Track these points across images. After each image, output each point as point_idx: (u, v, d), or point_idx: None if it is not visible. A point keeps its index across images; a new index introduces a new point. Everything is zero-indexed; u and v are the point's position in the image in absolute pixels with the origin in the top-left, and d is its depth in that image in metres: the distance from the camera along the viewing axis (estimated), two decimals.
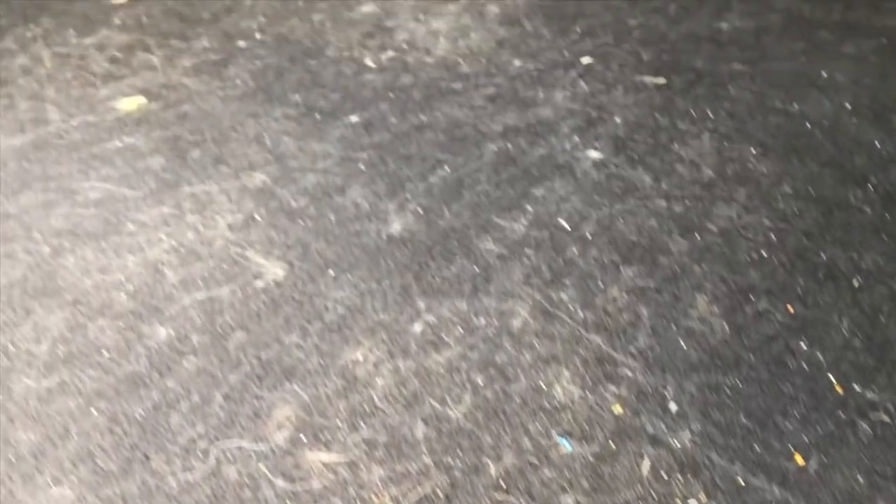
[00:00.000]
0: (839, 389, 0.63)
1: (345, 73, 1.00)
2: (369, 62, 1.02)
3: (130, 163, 0.85)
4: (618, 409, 0.61)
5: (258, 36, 1.07)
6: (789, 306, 0.68)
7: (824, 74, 0.97)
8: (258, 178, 0.83)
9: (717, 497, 0.56)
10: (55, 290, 0.70)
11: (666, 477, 0.57)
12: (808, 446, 0.59)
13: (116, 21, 1.11)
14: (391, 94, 0.96)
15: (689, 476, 0.57)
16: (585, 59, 1.02)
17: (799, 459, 0.58)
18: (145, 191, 0.82)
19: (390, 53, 1.04)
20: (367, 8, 1.14)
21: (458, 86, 0.97)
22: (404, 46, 1.05)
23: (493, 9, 1.13)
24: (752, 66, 0.99)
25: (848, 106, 0.92)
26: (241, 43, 1.06)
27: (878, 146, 0.85)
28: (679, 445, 0.59)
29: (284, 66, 1.01)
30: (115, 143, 0.88)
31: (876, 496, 0.57)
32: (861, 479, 0.57)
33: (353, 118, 0.92)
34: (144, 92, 0.97)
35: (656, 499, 0.56)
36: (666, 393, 0.62)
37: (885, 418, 0.61)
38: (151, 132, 0.90)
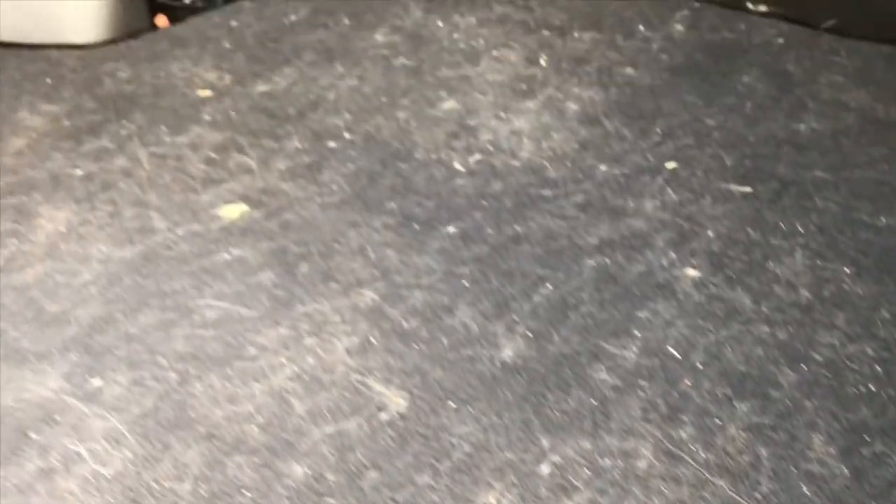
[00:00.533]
0: None
1: (436, 178, 1.02)
2: (458, 166, 1.05)
3: (241, 278, 0.88)
4: None
5: (346, 135, 1.10)
6: None
7: None
8: (368, 297, 0.86)
9: None
10: (188, 421, 0.73)
11: None
12: None
13: (206, 117, 1.14)
14: (484, 202, 0.98)
15: None
16: (670, 164, 1.04)
17: None
18: (261, 310, 0.84)
19: (477, 156, 1.06)
20: (449, 104, 1.16)
21: (547, 193, 1.00)
22: (490, 148, 1.08)
23: (573, 106, 1.16)
24: (834, 173, 1.02)
25: None
26: (332, 143, 1.09)
27: None
28: None
29: (376, 169, 1.04)
30: (223, 255, 0.91)
31: None
32: None
33: (451, 229, 0.95)
34: (245, 198, 0.99)
35: None
36: None
37: None
38: (258, 243, 0.93)
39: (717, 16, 1.38)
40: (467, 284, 0.87)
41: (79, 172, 1.04)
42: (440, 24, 1.36)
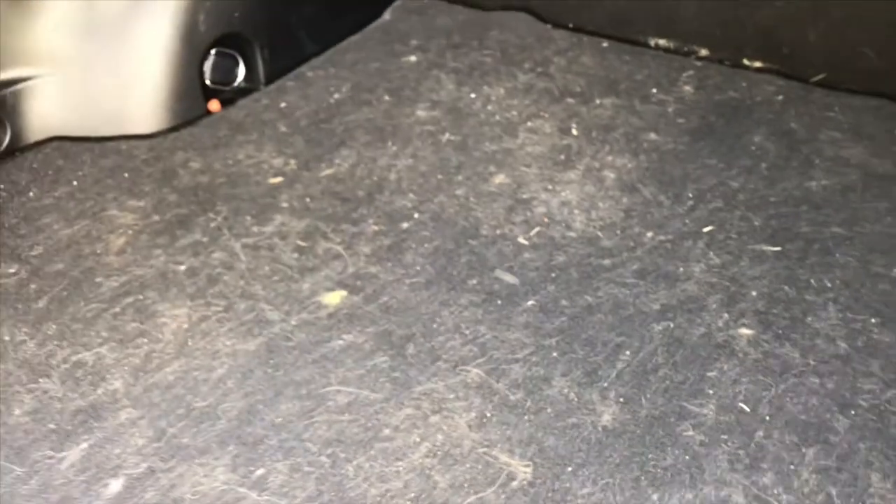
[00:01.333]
0: None
1: (505, 254, 1.15)
2: (522, 240, 1.18)
3: (359, 363, 1.00)
4: None
5: (416, 216, 1.22)
6: None
7: None
8: (473, 373, 0.98)
9: None
10: (349, 501, 0.85)
11: None
12: None
13: (283, 204, 1.25)
14: (552, 275, 1.12)
15: None
16: (707, 228, 1.19)
17: None
18: (384, 392, 0.96)
19: (537, 229, 1.20)
20: (499, 179, 1.30)
21: (606, 262, 1.13)
22: (546, 220, 1.21)
23: (610, 175, 1.30)
24: (848, 228, 1.17)
25: None
26: (405, 224, 1.21)
27: None
28: None
29: (450, 247, 1.17)
30: (337, 342, 1.03)
31: None
32: None
33: (530, 302, 1.08)
34: (341, 284, 1.11)
35: None
36: None
37: None
38: (364, 328, 1.04)
39: (719, 73, 1.54)
40: (556, 355, 1.00)
41: (182, 268, 1.14)
42: (473, 96, 1.49)
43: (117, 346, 1.03)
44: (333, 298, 1.09)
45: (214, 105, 1.46)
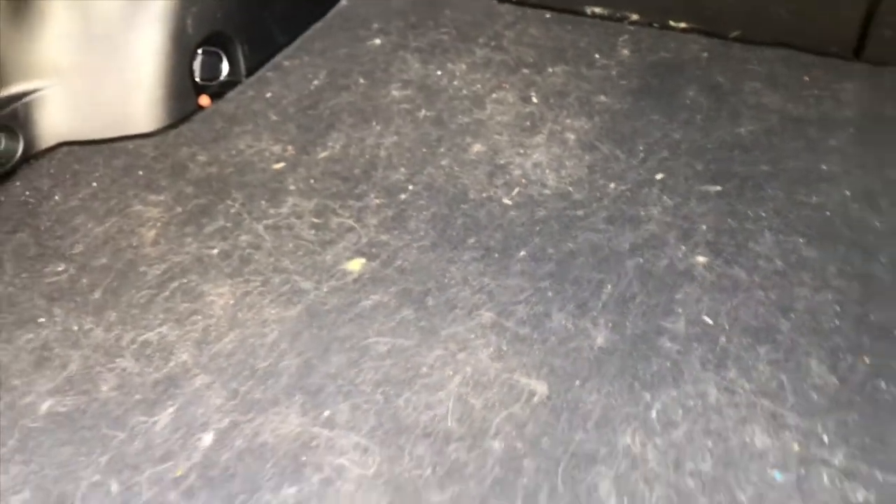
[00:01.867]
0: None
1: (494, 213, 1.34)
2: (506, 200, 1.37)
3: (390, 317, 1.18)
4: None
5: (411, 187, 1.40)
6: (865, 358, 1.10)
7: (824, 167, 1.40)
8: (486, 316, 1.18)
9: None
10: (406, 427, 1.03)
11: None
12: None
13: (291, 187, 1.41)
14: (537, 228, 1.31)
15: None
16: (658, 176, 1.40)
17: None
18: (416, 339, 1.15)
19: (517, 189, 1.39)
20: (477, 147, 1.48)
21: (580, 213, 1.34)
22: (523, 181, 1.40)
23: (571, 136, 1.49)
24: (774, 165, 1.41)
25: (848, 193, 1.35)
26: (402, 196, 1.38)
27: (879, 226, 1.28)
28: None
29: (445, 213, 1.35)
30: (366, 302, 1.20)
31: None
32: None
33: (522, 253, 1.27)
34: (358, 253, 1.29)
35: None
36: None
37: None
38: (387, 289, 1.22)
39: (650, 36, 1.75)
40: (551, 294, 1.21)
41: (215, 252, 1.30)
42: (439, 73, 1.66)
43: (175, 324, 1.18)
44: (355, 265, 1.27)
45: (205, 100, 1.59)
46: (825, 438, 1.01)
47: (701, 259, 1.25)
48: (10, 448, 1.03)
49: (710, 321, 1.16)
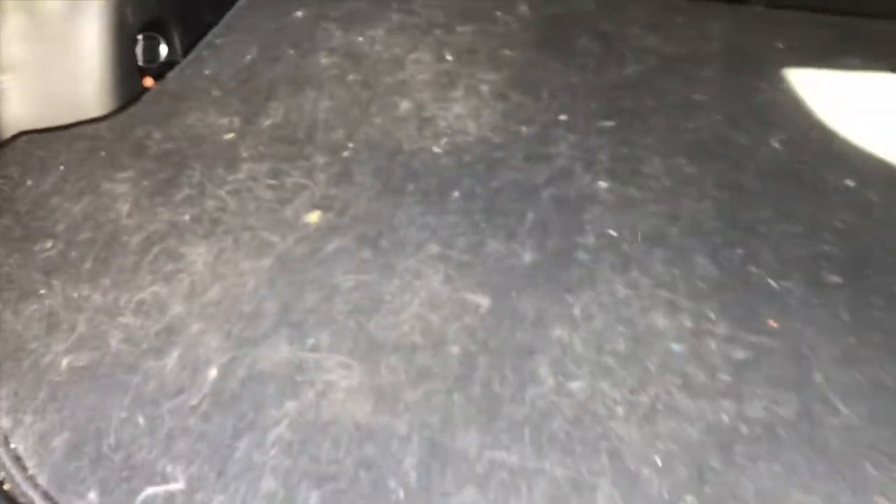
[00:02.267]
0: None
1: (427, 162, 1.55)
2: (436, 149, 1.58)
3: (352, 258, 1.38)
4: None
5: (351, 145, 1.59)
6: (738, 250, 1.37)
7: (697, 97, 1.66)
8: (433, 249, 1.39)
9: None
10: (380, 343, 1.25)
11: None
12: None
13: (244, 154, 1.58)
14: (466, 171, 1.53)
15: None
16: (562, 117, 1.63)
17: None
18: (378, 274, 1.35)
19: (444, 139, 1.60)
20: (404, 105, 1.67)
21: (500, 154, 1.56)
22: (448, 131, 1.61)
23: (484, 87, 1.71)
24: (657, 100, 1.66)
25: (719, 117, 1.62)
26: (345, 153, 1.57)
27: (745, 143, 1.56)
28: None
29: (385, 165, 1.55)
30: (329, 247, 1.40)
31: None
32: None
33: (456, 193, 1.49)
34: (314, 206, 1.48)
35: None
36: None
37: None
38: (344, 234, 1.42)
39: None
40: (484, 226, 1.43)
41: (186, 218, 1.47)
42: (360, 39, 1.85)
43: (164, 283, 1.36)
44: (313, 218, 1.46)
45: (149, 81, 1.74)
46: (711, 315, 1.28)
47: (602, 184, 1.50)
48: (42, 400, 1.20)
49: (614, 234, 1.41)
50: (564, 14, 1.89)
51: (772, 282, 1.32)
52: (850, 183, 1.47)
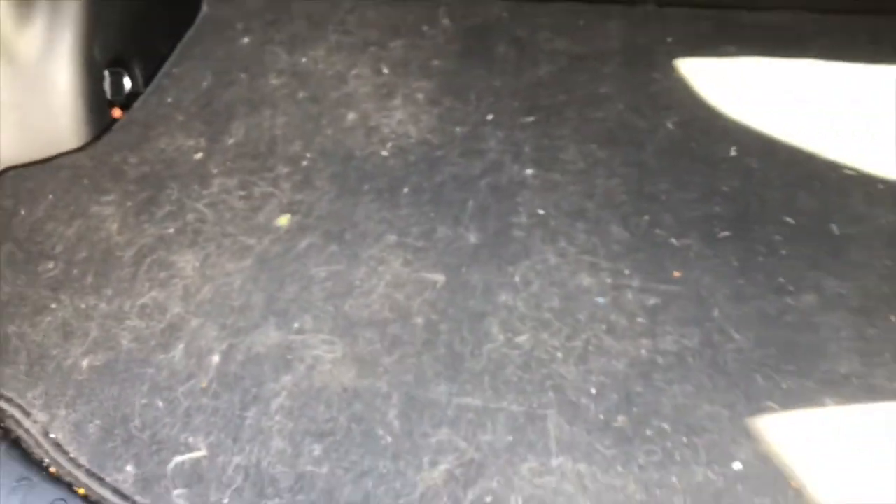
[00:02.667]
0: None
1: (377, 164, 1.78)
2: (384, 153, 1.81)
3: (322, 252, 1.59)
4: None
5: (308, 155, 1.81)
6: (645, 217, 1.65)
7: (602, 90, 1.93)
8: (391, 238, 1.62)
9: None
10: (357, 320, 1.48)
11: None
12: None
13: (213, 170, 1.78)
14: (412, 169, 1.77)
15: None
16: (489, 116, 1.88)
17: None
18: (346, 263, 1.57)
19: (390, 143, 1.83)
20: (351, 116, 1.90)
21: (439, 153, 1.80)
22: (393, 136, 1.84)
23: (419, 95, 1.94)
24: (568, 95, 1.92)
25: (621, 107, 1.89)
26: (304, 163, 1.79)
27: (644, 126, 1.83)
28: None
29: (340, 170, 1.77)
30: (301, 245, 1.61)
31: None
32: None
33: (405, 190, 1.72)
34: (283, 211, 1.69)
35: None
36: None
37: None
38: (313, 233, 1.64)
39: (462, 6, 2.21)
40: (433, 215, 1.67)
41: (171, 231, 1.67)
42: (304, 59, 2.06)
43: (161, 288, 1.56)
44: (284, 221, 1.68)
45: (117, 112, 1.92)
46: (626, 272, 1.55)
47: (529, 171, 1.76)
48: (71, 396, 1.40)
49: (542, 212, 1.67)
50: (482, 24, 2.14)
51: (674, 240, 1.59)
52: (733, 153, 1.76)
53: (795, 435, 1.30)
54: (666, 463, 1.28)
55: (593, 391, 1.37)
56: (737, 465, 1.27)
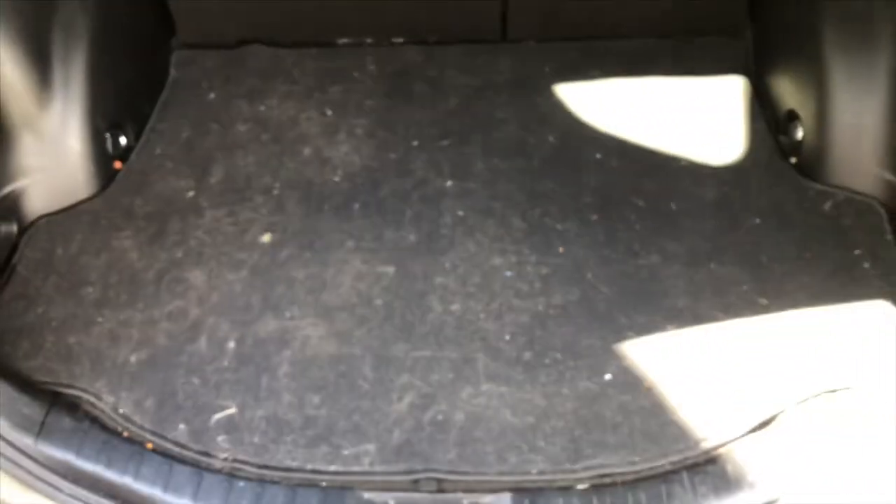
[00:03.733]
0: None
1: (333, 188, 2.28)
2: (336, 179, 2.30)
3: (298, 258, 2.08)
4: None
5: (277, 184, 2.30)
6: (536, 210, 2.22)
7: (499, 115, 2.49)
8: (350, 244, 2.16)
9: None
10: (332, 308, 2.02)
11: None
12: None
13: (205, 204, 2.27)
14: (359, 189, 2.30)
15: None
16: (415, 143, 2.42)
17: None
18: (318, 266, 2.09)
19: (340, 171, 2.35)
20: (307, 151, 2.38)
21: (379, 175, 2.32)
22: (341, 165, 2.34)
23: (359, 131, 2.45)
24: (472, 119, 2.47)
25: (515, 126, 2.46)
26: (275, 192, 2.29)
27: (534, 142, 2.40)
28: None
29: (303, 195, 2.25)
30: (283, 253, 2.10)
31: None
32: None
33: (356, 205, 2.24)
34: (265, 230, 2.20)
35: None
36: None
37: None
38: (290, 244, 2.12)
39: (384, 52, 2.74)
40: (380, 223, 2.19)
41: (180, 254, 2.15)
42: (262, 108, 2.57)
43: (180, 298, 2.05)
44: (267, 238, 2.19)
45: (118, 164, 2.41)
46: (526, 252, 2.11)
47: (448, 183, 2.30)
48: (127, 383, 1.88)
49: (461, 213, 2.22)
50: (402, 68, 2.67)
51: (558, 226, 2.17)
52: (598, 157, 2.35)
53: (647, 352, 1.89)
54: (559, 380, 1.85)
55: (507, 338, 1.93)
56: (608, 377, 1.85)
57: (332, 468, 1.71)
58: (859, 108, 2.08)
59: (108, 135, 2.36)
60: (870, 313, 1.90)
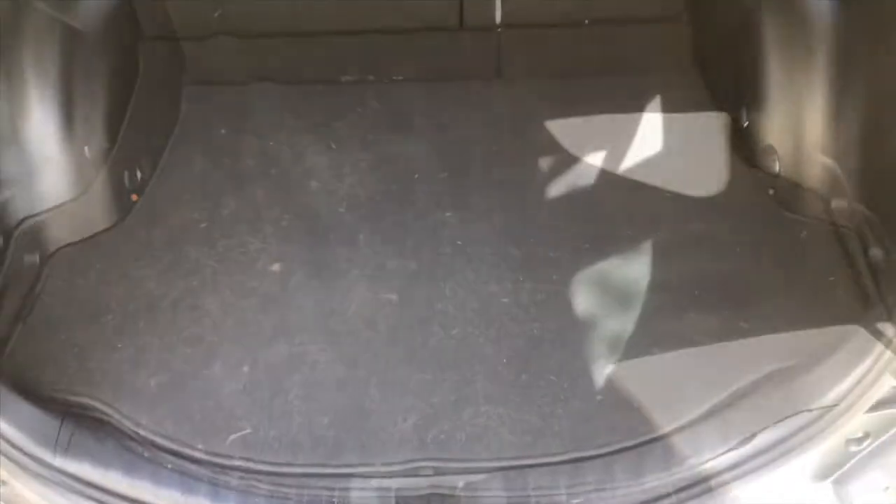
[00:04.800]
0: None
1: (338, 219, 2.39)
2: (342, 210, 2.38)
3: (306, 283, 2.22)
4: None
5: (286, 216, 2.41)
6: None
7: (494, 149, 2.64)
8: (355, 273, 2.29)
9: None
10: (339, 333, 2.14)
11: None
12: None
13: (217, 235, 2.40)
14: (364, 220, 2.42)
15: None
16: (416, 175, 2.52)
17: None
18: (324, 292, 2.23)
19: (345, 201, 2.47)
20: (313, 183, 2.50)
21: (383, 206, 2.42)
22: (347, 197, 2.46)
23: (363, 164, 2.58)
24: (470, 154, 2.63)
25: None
26: (283, 223, 2.42)
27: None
28: None
29: (312, 224, 2.37)
30: (291, 280, 2.22)
31: None
32: None
33: (361, 236, 2.36)
34: (274, 260, 2.33)
35: None
36: None
37: None
38: (297, 271, 2.24)
39: (386, 88, 2.89)
40: (383, 252, 2.33)
41: (195, 283, 2.27)
42: (271, 143, 2.70)
43: (196, 325, 2.16)
44: (275, 266, 2.32)
45: (135, 197, 2.54)
46: (521, 278, 2.23)
47: (448, 214, 2.42)
48: (148, 405, 1.98)
49: (460, 243, 2.34)
50: (402, 105, 2.82)
51: (552, 254, 2.31)
52: (590, 188, 2.50)
53: (635, 374, 2.01)
54: (554, 401, 1.97)
55: (505, 360, 2.06)
56: (599, 398, 1.98)
57: (341, 484, 1.83)
58: (836, 149, 2.22)
59: (125, 171, 2.49)
60: (843, 336, 2.03)
